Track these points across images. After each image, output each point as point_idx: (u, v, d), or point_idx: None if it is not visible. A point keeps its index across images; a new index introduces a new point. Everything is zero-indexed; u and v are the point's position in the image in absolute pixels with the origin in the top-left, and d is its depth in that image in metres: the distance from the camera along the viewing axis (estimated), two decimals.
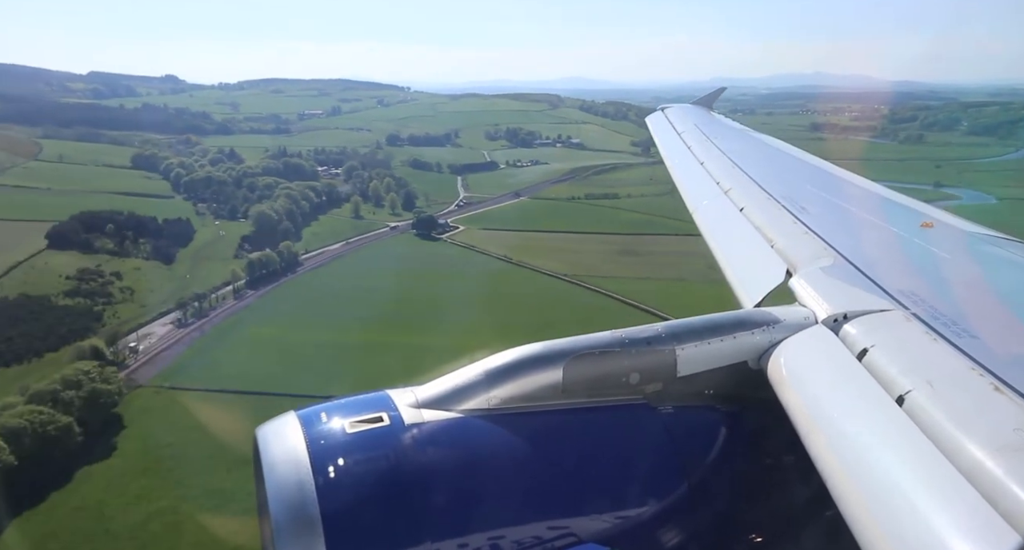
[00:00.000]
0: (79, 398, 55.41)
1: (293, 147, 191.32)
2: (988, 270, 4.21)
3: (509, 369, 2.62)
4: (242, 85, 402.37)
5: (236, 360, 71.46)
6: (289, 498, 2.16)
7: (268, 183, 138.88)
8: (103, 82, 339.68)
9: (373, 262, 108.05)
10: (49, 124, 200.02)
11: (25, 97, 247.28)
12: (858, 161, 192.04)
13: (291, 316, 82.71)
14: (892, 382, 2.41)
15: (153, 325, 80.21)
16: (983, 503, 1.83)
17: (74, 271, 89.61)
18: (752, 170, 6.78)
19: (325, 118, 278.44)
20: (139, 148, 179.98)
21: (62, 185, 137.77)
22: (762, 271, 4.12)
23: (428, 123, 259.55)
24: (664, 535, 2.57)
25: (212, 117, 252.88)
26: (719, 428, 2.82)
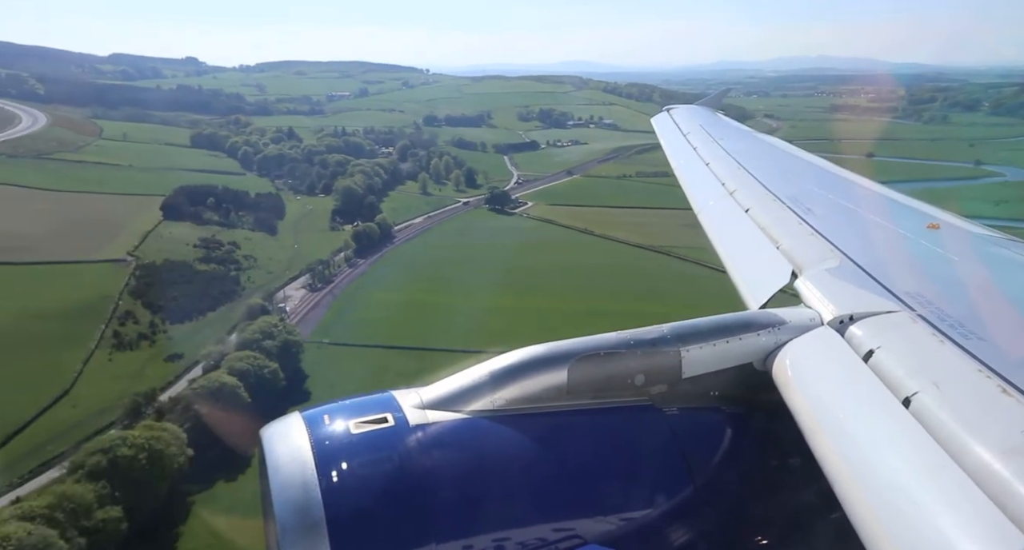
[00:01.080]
0: (275, 347, 61.25)
1: (328, 126, 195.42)
2: (995, 272, 4.19)
3: (514, 370, 2.63)
4: (262, 67, 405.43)
5: (375, 319, 77.24)
6: (294, 499, 2.17)
7: (339, 160, 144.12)
8: (127, 64, 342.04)
9: (464, 234, 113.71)
10: (96, 105, 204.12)
11: (65, 79, 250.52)
12: (890, 141, 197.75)
13: (409, 281, 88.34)
14: (898, 384, 2.40)
15: (287, 289, 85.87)
16: (990, 506, 1.82)
17: (196, 240, 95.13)
18: (757, 171, 6.84)
19: (353, 99, 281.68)
20: (192, 128, 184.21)
21: (139, 162, 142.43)
22: (768, 272, 4.14)
23: (456, 104, 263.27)
24: (669, 537, 2.58)
25: (245, 98, 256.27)
26: (724, 430, 2.83)
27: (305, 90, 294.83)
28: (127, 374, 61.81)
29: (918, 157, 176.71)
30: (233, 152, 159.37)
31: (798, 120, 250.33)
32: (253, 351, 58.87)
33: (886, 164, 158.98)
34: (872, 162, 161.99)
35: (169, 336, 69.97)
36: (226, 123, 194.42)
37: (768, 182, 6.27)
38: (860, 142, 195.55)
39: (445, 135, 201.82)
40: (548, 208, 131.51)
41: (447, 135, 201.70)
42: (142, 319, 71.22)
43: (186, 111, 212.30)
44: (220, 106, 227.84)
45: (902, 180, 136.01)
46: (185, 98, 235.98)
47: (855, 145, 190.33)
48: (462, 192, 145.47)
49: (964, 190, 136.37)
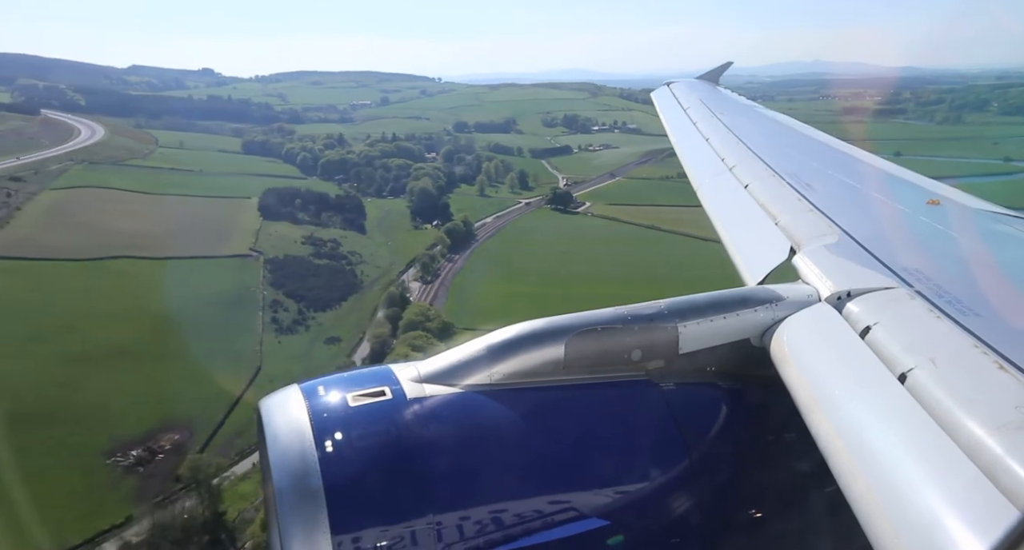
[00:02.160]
0: (436, 328, 67.60)
1: (375, 133, 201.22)
2: (994, 248, 4.18)
3: (511, 345, 2.65)
4: (277, 77, 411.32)
5: (491, 306, 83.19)
6: (292, 469, 2.20)
7: (400, 164, 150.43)
8: (149, 76, 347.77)
9: (539, 231, 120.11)
10: (140, 115, 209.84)
11: (100, 90, 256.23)
12: (911, 141, 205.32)
13: (509, 274, 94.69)
14: (895, 360, 2.42)
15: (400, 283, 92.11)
16: (984, 480, 1.85)
17: (300, 238, 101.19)
18: (757, 146, 6.78)
19: (375, 108, 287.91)
20: (235, 137, 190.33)
21: (208, 168, 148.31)
22: (766, 248, 4.12)
23: (479, 112, 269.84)
24: (666, 510, 2.60)
25: (273, 107, 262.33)
26: (721, 405, 2.85)
27: (327, 99, 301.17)
28: (298, 354, 67.95)
29: (945, 155, 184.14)
30: (290, 158, 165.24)
31: (812, 122, 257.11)
32: (420, 331, 65.12)
33: (916, 162, 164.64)
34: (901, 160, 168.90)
35: (318, 322, 76.04)
36: (270, 131, 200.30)
37: (768, 157, 6.25)
38: (883, 142, 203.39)
39: (480, 141, 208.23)
40: (607, 207, 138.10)
41: (482, 141, 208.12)
42: (289, 307, 77.24)
43: (221, 120, 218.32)
44: (254, 115, 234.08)
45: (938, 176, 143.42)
46: (217, 108, 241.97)
47: (879, 145, 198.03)
48: (516, 194, 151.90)
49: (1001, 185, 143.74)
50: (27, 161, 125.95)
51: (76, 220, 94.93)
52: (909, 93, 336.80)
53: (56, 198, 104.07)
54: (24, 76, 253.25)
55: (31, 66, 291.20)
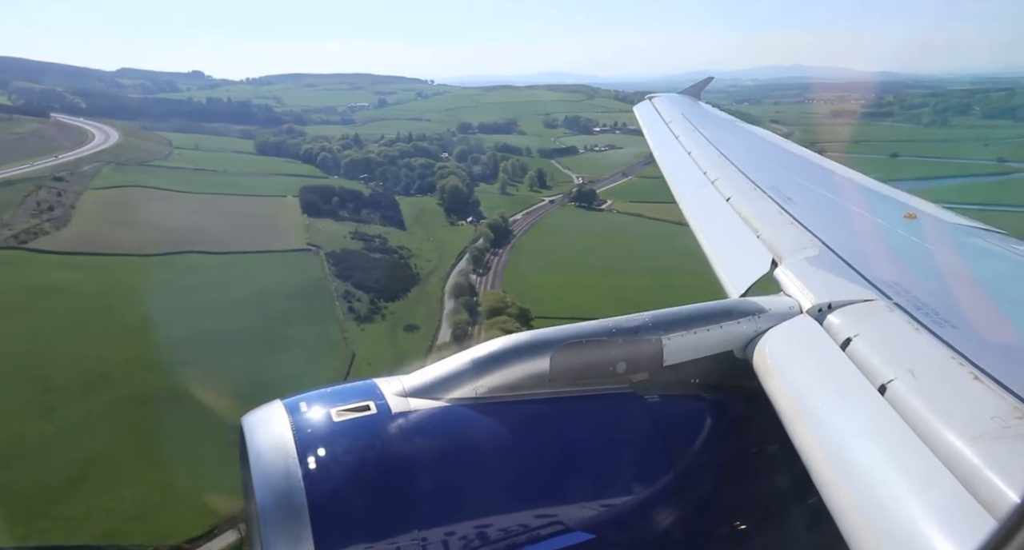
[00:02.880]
0: (515, 314, 70.98)
1: (369, 135, 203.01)
2: (969, 261, 4.26)
3: (496, 358, 2.65)
4: (269, 79, 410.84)
5: (548, 298, 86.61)
6: (275, 486, 2.17)
7: (423, 163, 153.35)
8: (139, 78, 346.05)
9: (571, 227, 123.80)
10: (144, 118, 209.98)
11: (97, 93, 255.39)
12: (904, 143, 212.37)
13: (554, 266, 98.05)
14: (875, 371, 2.46)
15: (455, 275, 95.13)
16: (962, 490, 1.87)
17: (347, 234, 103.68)
18: (739, 160, 6.90)
19: (373, 110, 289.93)
20: (246, 138, 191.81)
21: (232, 168, 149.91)
22: (748, 261, 4.17)
23: (476, 113, 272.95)
24: (651, 523, 2.61)
25: (273, 110, 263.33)
26: (705, 417, 2.87)
27: (323, 101, 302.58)
28: (383, 341, 70.75)
29: (940, 156, 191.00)
30: (309, 158, 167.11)
31: (804, 125, 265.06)
32: (504, 316, 68.35)
33: (914, 163, 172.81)
34: (899, 162, 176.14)
35: (391, 311, 78.83)
36: (280, 132, 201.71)
37: (749, 171, 6.32)
38: (877, 144, 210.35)
39: (487, 141, 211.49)
40: (628, 204, 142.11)
41: (488, 141, 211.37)
42: (361, 298, 79.94)
43: (224, 122, 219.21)
44: (257, 117, 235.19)
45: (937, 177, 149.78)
46: (217, 110, 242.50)
47: (874, 146, 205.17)
48: (536, 192, 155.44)
49: (1000, 184, 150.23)
50: (62, 162, 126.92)
51: (130, 218, 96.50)
52: (892, 96, 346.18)
53: (101, 197, 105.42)
54: (18, 79, 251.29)
55: (23, 69, 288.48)
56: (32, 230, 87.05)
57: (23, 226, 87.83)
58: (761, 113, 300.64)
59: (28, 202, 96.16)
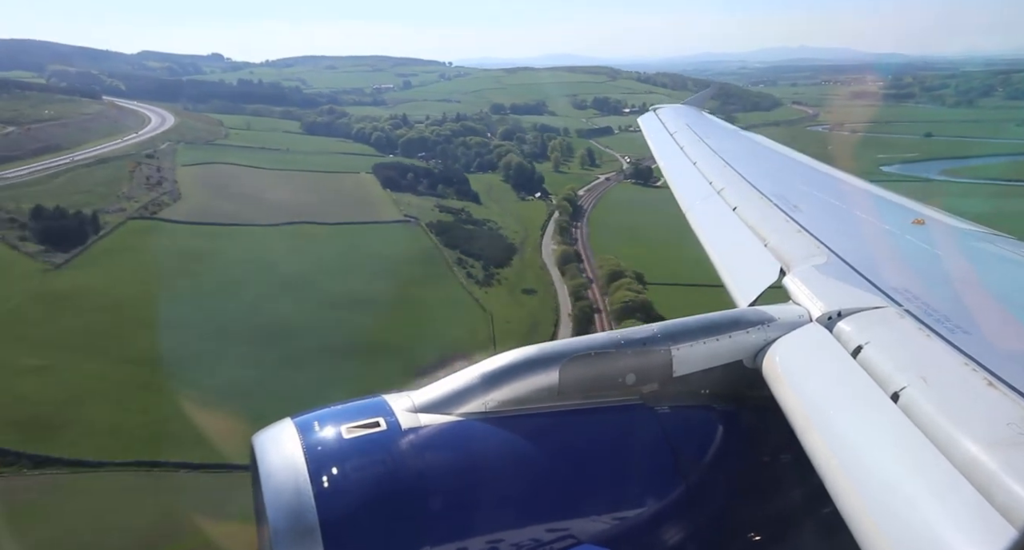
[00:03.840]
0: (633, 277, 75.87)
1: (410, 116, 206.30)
2: (980, 266, 4.25)
3: (505, 372, 2.66)
4: (287, 62, 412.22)
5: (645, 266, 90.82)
6: (287, 505, 2.17)
7: (479, 141, 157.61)
8: (162, 61, 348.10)
9: (635, 202, 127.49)
10: (184, 100, 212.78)
11: (133, 75, 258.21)
12: (934, 123, 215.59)
13: (634, 238, 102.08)
14: (887, 379, 2.44)
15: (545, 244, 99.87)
16: (979, 498, 1.84)
17: (433, 207, 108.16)
18: (744, 169, 6.90)
19: (399, 91, 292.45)
20: (286, 118, 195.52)
21: (293, 147, 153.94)
22: (756, 270, 4.17)
23: (503, 95, 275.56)
24: (662, 535, 2.60)
25: (303, 91, 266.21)
26: (716, 427, 2.86)
27: (348, 83, 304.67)
28: (509, 303, 75.54)
29: (974, 136, 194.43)
30: (362, 137, 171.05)
31: (827, 106, 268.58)
32: (626, 278, 73.28)
33: (950, 142, 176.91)
34: (934, 141, 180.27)
35: (504, 277, 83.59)
36: (322, 113, 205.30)
37: (755, 180, 6.34)
38: (906, 125, 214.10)
39: (525, 122, 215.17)
40: None
41: (526, 122, 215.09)
42: (474, 265, 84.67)
43: (259, 103, 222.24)
44: (292, 98, 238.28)
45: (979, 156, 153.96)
46: (252, 91, 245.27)
47: (905, 127, 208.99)
48: (588, 170, 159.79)
49: None
50: (141, 140, 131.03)
51: (229, 192, 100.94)
52: (911, 78, 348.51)
53: (193, 173, 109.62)
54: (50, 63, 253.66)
55: (49, 52, 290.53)
56: (155, 202, 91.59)
57: (146, 198, 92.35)
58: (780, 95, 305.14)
59: (137, 177, 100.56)
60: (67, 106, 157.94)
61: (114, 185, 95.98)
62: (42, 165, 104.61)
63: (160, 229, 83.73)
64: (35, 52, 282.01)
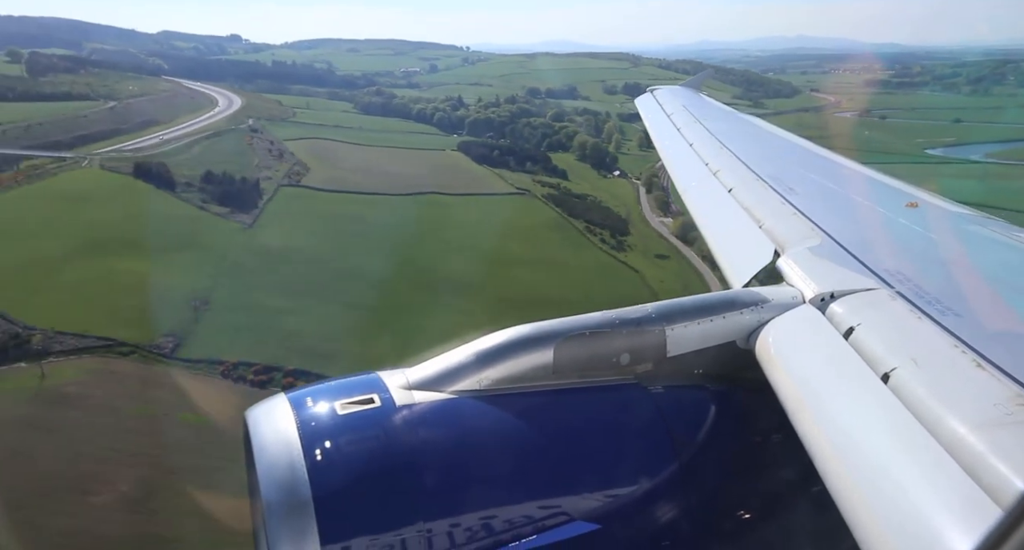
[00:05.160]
0: None
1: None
2: (971, 249, 4.25)
3: (500, 350, 2.67)
4: (308, 44, 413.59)
5: None
6: (280, 480, 2.18)
7: (542, 122, 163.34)
8: (184, 42, 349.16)
9: None
10: (230, 80, 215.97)
11: (168, 55, 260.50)
12: (959, 110, 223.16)
13: None
14: (878, 360, 2.47)
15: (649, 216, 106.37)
16: (966, 478, 1.87)
17: (531, 181, 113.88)
18: (740, 151, 6.88)
19: (427, 75, 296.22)
20: (333, 99, 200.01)
21: (366, 125, 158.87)
22: (751, 251, 4.18)
23: (531, 79, 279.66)
24: (655, 513, 2.62)
25: (336, 73, 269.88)
26: (708, 407, 2.88)
27: (372, 66, 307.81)
28: (649, 266, 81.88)
29: (1001, 122, 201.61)
30: (423, 118, 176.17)
31: (844, 93, 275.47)
32: None
33: (979, 128, 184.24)
34: (964, 127, 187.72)
35: (630, 244, 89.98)
36: (371, 94, 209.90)
37: (751, 162, 6.34)
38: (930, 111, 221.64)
39: (567, 106, 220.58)
40: None
41: (568, 106, 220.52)
42: (603, 233, 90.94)
43: (301, 83, 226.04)
44: (332, 80, 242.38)
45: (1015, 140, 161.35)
46: (289, 72, 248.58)
47: (929, 113, 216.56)
48: (646, 152, 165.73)
49: None
50: (226, 116, 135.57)
51: (344, 164, 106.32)
52: (919, 67, 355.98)
53: (300, 147, 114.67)
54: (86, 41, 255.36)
55: (77, 30, 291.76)
56: (292, 172, 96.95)
57: (281, 168, 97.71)
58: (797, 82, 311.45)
59: (257, 149, 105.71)
60: (141, 83, 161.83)
61: (242, 156, 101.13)
62: (157, 136, 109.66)
63: (310, 195, 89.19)
64: (67, 30, 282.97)
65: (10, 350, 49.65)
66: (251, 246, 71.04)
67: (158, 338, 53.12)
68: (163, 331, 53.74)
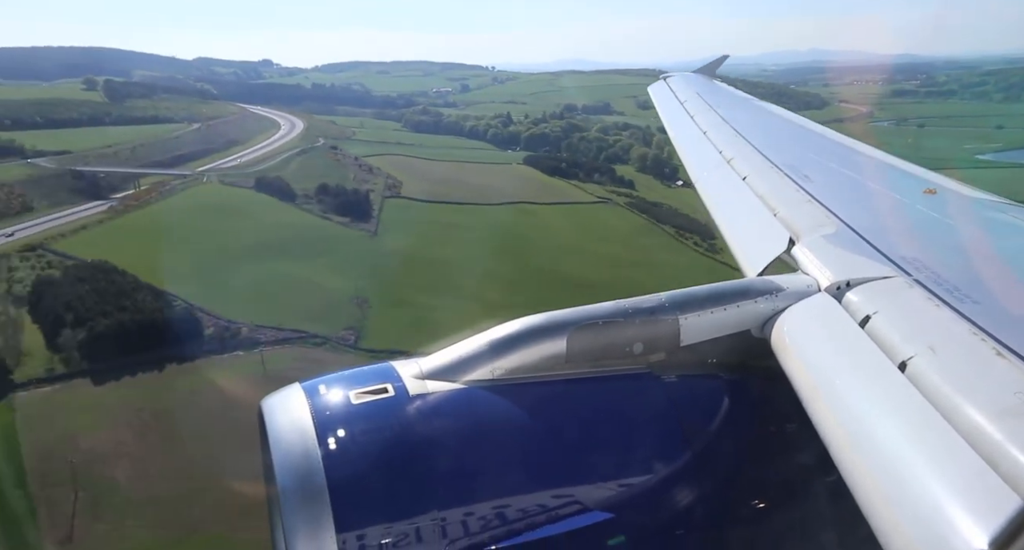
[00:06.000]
0: None
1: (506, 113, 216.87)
2: (990, 236, 4.20)
3: (513, 340, 2.66)
4: (338, 67, 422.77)
5: None
6: (295, 468, 2.20)
7: (595, 137, 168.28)
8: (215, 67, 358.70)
9: None
10: (276, 103, 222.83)
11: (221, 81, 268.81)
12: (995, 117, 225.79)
13: None
14: (895, 348, 2.42)
15: None
16: (985, 467, 1.84)
17: (605, 192, 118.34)
18: (754, 138, 6.80)
19: (458, 95, 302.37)
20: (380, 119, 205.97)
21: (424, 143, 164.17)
22: (765, 240, 4.10)
23: (564, 96, 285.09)
24: (669, 502, 2.60)
25: (372, 94, 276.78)
26: (722, 397, 2.86)
27: (404, 87, 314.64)
28: None
29: None
30: (476, 134, 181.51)
31: (874, 104, 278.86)
32: None
33: None
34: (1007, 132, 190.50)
35: (719, 247, 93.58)
36: (417, 113, 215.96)
37: (765, 149, 6.27)
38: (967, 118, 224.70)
39: (607, 121, 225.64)
40: None
41: (608, 121, 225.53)
42: (691, 236, 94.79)
43: (345, 104, 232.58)
44: (373, 100, 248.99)
45: None
46: (331, 94, 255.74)
47: (966, 121, 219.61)
48: None
49: None
50: (294, 136, 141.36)
51: (427, 177, 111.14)
52: (944, 76, 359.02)
53: (382, 163, 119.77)
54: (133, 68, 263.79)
55: (125, 59, 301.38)
56: (389, 185, 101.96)
57: (377, 181, 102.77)
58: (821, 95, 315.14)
59: (344, 164, 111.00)
60: (212, 107, 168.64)
61: (337, 170, 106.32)
62: (241, 156, 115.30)
63: (413, 206, 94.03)
64: (114, 59, 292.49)
65: (226, 340, 56.04)
66: (382, 251, 75.73)
67: (340, 331, 57.96)
68: (343, 325, 58.52)
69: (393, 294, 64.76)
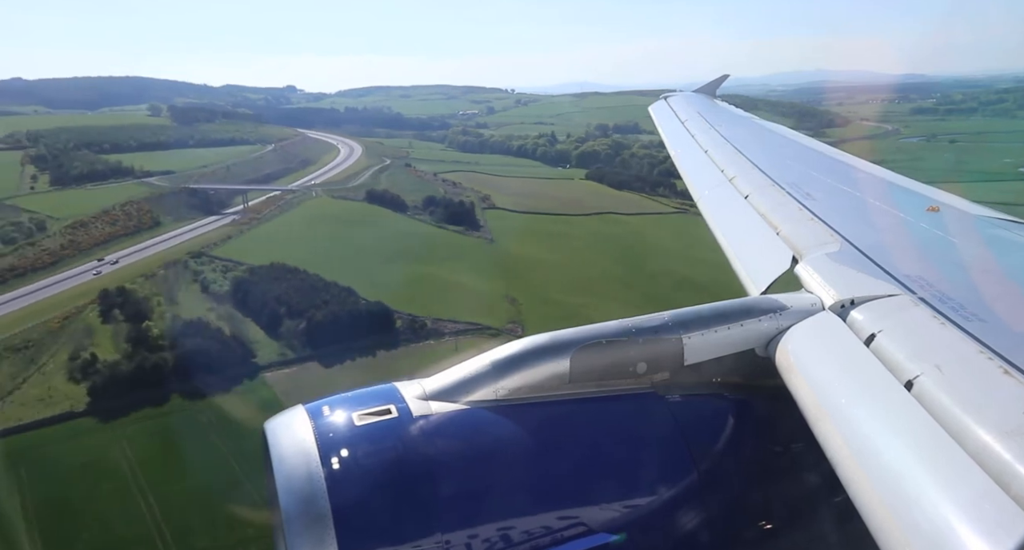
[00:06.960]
0: None
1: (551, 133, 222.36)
2: (995, 254, 4.15)
3: (516, 360, 2.64)
4: (361, 92, 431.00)
5: None
6: (299, 491, 2.18)
7: (644, 153, 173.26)
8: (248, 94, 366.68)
9: None
10: (318, 126, 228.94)
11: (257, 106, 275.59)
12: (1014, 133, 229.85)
13: None
14: (900, 367, 2.40)
15: None
16: (994, 487, 1.81)
17: (671, 204, 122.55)
18: (756, 157, 6.83)
19: (484, 116, 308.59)
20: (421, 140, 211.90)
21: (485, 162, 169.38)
22: (768, 258, 4.10)
23: (592, 116, 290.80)
24: (674, 523, 2.58)
25: (404, 117, 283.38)
26: (727, 416, 2.84)
27: (436, 110, 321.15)
28: None
29: None
30: (523, 153, 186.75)
31: (895, 122, 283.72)
32: None
33: None
34: None
35: None
36: (457, 133, 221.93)
37: (767, 168, 6.28)
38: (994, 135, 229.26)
39: (643, 139, 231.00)
40: None
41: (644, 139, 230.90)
42: None
43: (383, 126, 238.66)
44: (408, 122, 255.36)
45: None
46: (358, 117, 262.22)
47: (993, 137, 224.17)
48: None
49: None
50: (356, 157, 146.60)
51: (505, 191, 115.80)
52: (961, 94, 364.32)
53: (458, 178, 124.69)
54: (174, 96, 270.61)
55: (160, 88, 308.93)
56: (481, 198, 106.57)
57: (468, 194, 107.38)
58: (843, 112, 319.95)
59: (426, 179, 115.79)
60: (274, 130, 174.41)
61: (424, 184, 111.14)
62: (318, 174, 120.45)
63: (510, 216, 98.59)
64: (151, 87, 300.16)
65: (417, 331, 61.13)
66: (506, 256, 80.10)
67: (507, 324, 62.36)
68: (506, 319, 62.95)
69: (537, 294, 68.89)
